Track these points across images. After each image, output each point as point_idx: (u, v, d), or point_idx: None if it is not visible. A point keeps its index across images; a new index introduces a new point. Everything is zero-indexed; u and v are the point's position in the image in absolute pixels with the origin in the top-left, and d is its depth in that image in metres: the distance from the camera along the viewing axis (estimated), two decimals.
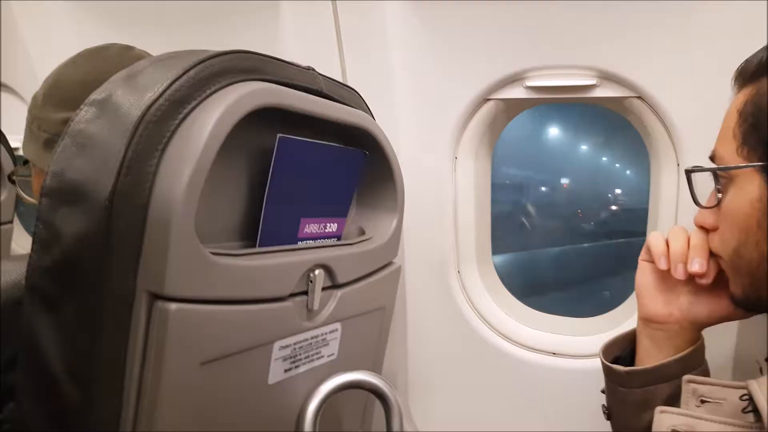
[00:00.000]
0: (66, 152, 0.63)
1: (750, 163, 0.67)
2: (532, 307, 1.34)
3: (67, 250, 0.63)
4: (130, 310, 0.62)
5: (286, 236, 0.82)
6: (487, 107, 1.17)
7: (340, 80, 1.10)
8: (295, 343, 0.81)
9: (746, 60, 0.70)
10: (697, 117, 1.01)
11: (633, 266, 0.88)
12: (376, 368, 1.06)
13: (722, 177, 0.71)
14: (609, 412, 0.91)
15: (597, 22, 1.03)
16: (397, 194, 1.03)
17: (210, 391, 0.70)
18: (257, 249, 0.75)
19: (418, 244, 1.26)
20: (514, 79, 1.13)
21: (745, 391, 0.66)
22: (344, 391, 0.86)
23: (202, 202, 0.64)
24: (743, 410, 0.67)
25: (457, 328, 1.27)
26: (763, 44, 0.69)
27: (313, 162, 0.82)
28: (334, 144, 0.88)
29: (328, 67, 1.16)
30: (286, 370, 0.81)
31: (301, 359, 0.84)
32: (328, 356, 0.89)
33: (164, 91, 0.63)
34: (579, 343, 1.21)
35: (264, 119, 0.74)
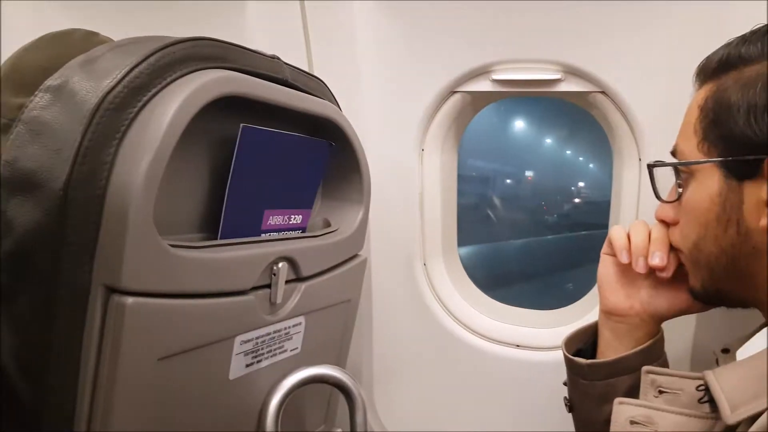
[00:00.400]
0: (19, 140, 0.61)
1: (710, 158, 0.67)
2: (497, 299, 1.35)
3: (19, 241, 0.60)
4: (86, 303, 0.60)
5: (249, 228, 0.81)
6: (454, 100, 1.17)
7: (307, 70, 1.09)
8: (257, 338, 0.80)
9: (707, 57, 0.71)
10: (659, 112, 1.02)
11: (596, 258, 0.89)
12: (340, 362, 1.05)
13: (683, 172, 0.72)
14: (571, 405, 0.91)
15: (562, 17, 1.04)
16: (363, 186, 1.02)
17: (168, 387, 0.69)
18: (218, 241, 0.73)
19: (384, 237, 1.26)
20: (480, 72, 1.12)
21: (701, 382, 0.67)
22: (308, 385, 0.85)
23: (162, 193, 0.62)
24: (700, 400, 0.69)
25: (422, 320, 1.27)
26: (724, 42, 0.70)
27: (278, 152, 0.81)
28: (300, 134, 0.86)
29: (294, 57, 1.14)
30: (247, 365, 0.80)
31: (263, 354, 0.82)
32: (292, 350, 0.88)
33: (123, 77, 0.60)
34: (542, 335, 1.22)
35: (228, 108, 0.72)
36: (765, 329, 0.68)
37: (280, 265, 0.80)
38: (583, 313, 1.20)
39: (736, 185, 0.65)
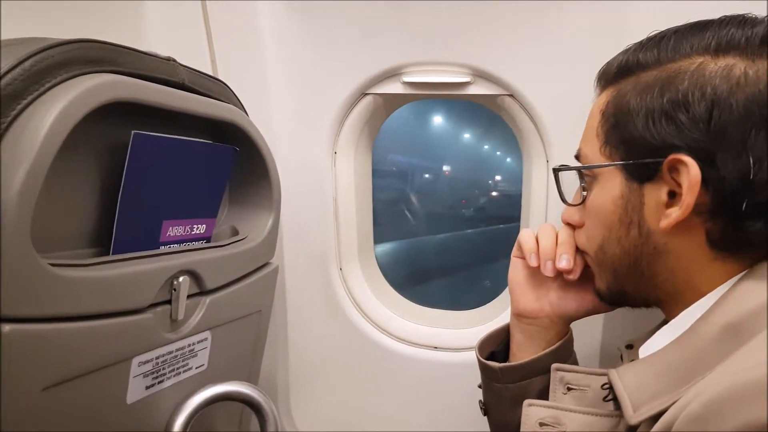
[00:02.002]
0: None
1: (612, 162, 0.68)
2: (417, 296, 1.35)
3: None
4: None
5: (146, 241, 0.76)
6: (366, 102, 1.15)
7: (210, 73, 1.04)
8: (157, 357, 0.75)
9: (607, 63, 0.72)
10: (564, 116, 1.04)
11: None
12: (252, 375, 1.01)
13: (587, 175, 0.73)
14: (486, 408, 0.92)
15: (472, 20, 1.04)
16: (272, 191, 0.98)
17: (56, 417, 0.63)
18: (110, 257, 0.68)
19: (297, 242, 1.22)
20: (391, 75, 1.11)
21: (606, 380, 0.68)
22: (219, 403, 0.81)
23: (42, 208, 0.57)
24: (604, 399, 0.70)
25: (339, 325, 1.25)
26: (624, 47, 0.71)
27: (175, 159, 0.76)
28: (200, 140, 0.82)
29: (196, 60, 1.09)
30: (147, 387, 0.75)
31: (165, 373, 0.78)
32: (197, 367, 0.84)
33: None
34: (459, 336, 1.22)
35: (123, 115, 0.67)
36: (665, 326, 0.70)
37: (181, 279, 0.76)
38: (499, 312, 1.21)
39: (637, 188, 0.66)
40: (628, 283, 0.71)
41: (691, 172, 0.59)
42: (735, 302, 0.59)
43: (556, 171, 0.79)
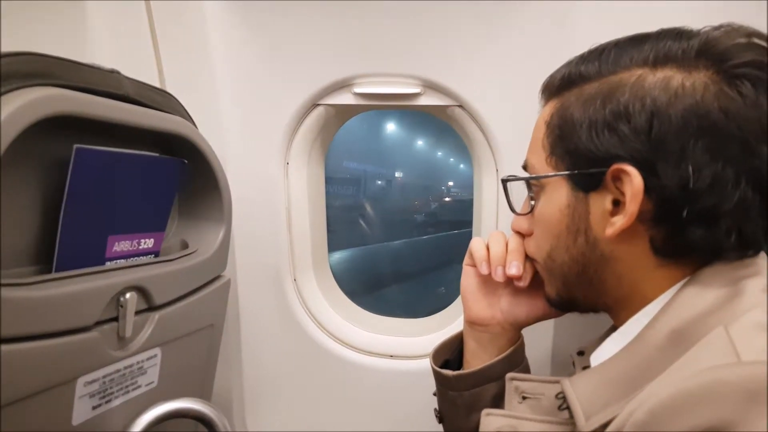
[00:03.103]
0: None
1: (558, 172, 0.69)
2: (371, 304, 1.34)
3: None
4: None
5: (91, 257, 0.74)
6: (317, 112, 1.15)
7: (158, 85, 1.02)
8: (104, 376, 0.73)
9: (551, 75, 0.73)
10: (513, 126, 1.06)
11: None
12: (205, 390, 0.99)
13: (534, 185, 0.74)
14: (441, 416, 0.92)
15: (421, 33, 1.05)
16: (223, 203, 0.97)
17: None
18: (53, 275, 0.66)
19: (250, 254, 1.21)
20: (342, 85, 1.11)
21: (560, 389, 0.69)
22: (169, 421, 0.79)
23: None
24: (559, 408, 0.71)
25: (294, 337, 1.24)
26: (567, 59, 0.73)
27: (120, 173, 0.75)
28: (146, 153, 0.81)
29: (143, 72, 1.07)
30: (94, 407, 0.73)
31: (113, 393, 0.76)
32: (147, 385, 0.82)
33: None
34: (414, 344, 1.23)
35: (66, 129, 0.65)
36: (614, 334, 0.71)
37: (128, 295, 0.74)
38: (453, 319, 1.22)
39: (582, 197, 0.67)
40: (577, 290, 0.73)
41: (633, 181, 0.60)
42: (678, 309, 0.61)
43: (504, 181, 0.80)
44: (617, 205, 0.64)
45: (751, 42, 0.59)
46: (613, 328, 0.73)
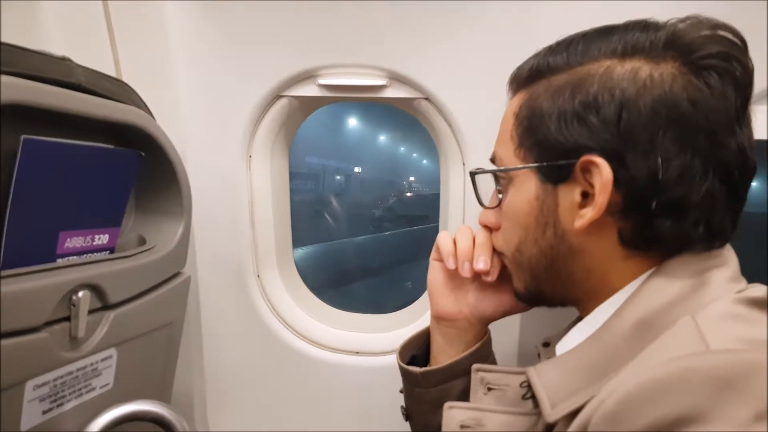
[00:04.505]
0: None
1: (526, 164, 0.69)
2: (337, 300, 1.33)
3: None
4: None
5: (41, 254, 0.70)
6: (281, 104, 1.12)
7: (114, 75, 0.98)
8: (55, 379, 0.70)
9: (519, 66, 0.72)
10: (480, 119, 1.05)
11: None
12: (164, 392, 0.96)
13: (502, 178, 0.73)
14: (408, 413, 0.91)
15: (387, 24, 1.03)
16: (182, 197, 0.94)
17: None
18: None
19: (211, 250, 1.18)
20: (306, 77, 1.09)
21: (525, 378, 0.68)
22: (125, 424, 0.76)
23: None
24: (523, 397, 0.70)
25: (258, 335, 1.21)
26: (535, 51, 0.72)
27: (72, 166, 0.71)
28: (100, 145, 0.77)
29: (99, 61, 1.02)
30: (45, 412, 0.69)
31: (65, 396, 0.72)
32: (102, 387, 0.78)
33: None
34: (381, 340, 1.22)
35: (14, 119, 0.62)
36: (580, 323, 0.71)
37: (81, 294, 0.70)
38: (420, 314, 1.21)
39: (551, 189, 0.66)
40: (546, 283, 0.72)
41: (602, 172, 0.60)
42: (645, 299, 0.61)
43: (472, 174, 0.79)
44: (586, 197, 0.63)
45: (716, 34, 0.60)
46: (579, 319, 0.73)
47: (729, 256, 0.63)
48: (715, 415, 0.44)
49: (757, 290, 0.59)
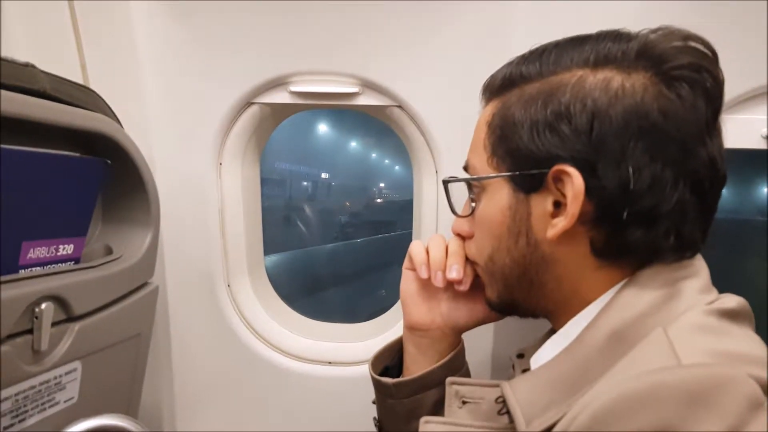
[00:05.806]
0: None
1: (499, 173, 0.69)
2: (308, 309, 1.31)
3: None
4: None
5: (2, 265, 0.68)
6: (252, 111, 1.11)
7: (81, 81, 0.96)
8: (17, 394, 0.68)
9: (492, 75, 0.72)
10: (453, 127, 1.05)
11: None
12: (132, 405, 0.94)
13: (475, 187, 0.73)
14: (380, 425, 0.90)
15: (359, 31, 1.03)
16: (150, 206, 0.92)
17: None
18: None
19: (180, 259, 1.16)
20: (278, 84, 1.08)
21: (500, 393, 0.68)
22: None
23: None
24: (499, 412, 0.70)
25: (228, 345, 1.19)
26: (507, 61, 0.72)
27: (36, 175, 0.69)
28: (65, 153, 0.75)
29: (65, 67, 1.00)
30: (6, 428, 0.67)
31: (27, 411, 0.70)
32: (66, 401, 0.76)
33: None
34: (353, 349, 1.21)
35: None
36: (554, 336, 0.71)
37: (44, 305, 0.68)
38: (393, 323, 1.20)
39: (524, 198, 0.66)
40: (518, 293, 0.72)
41: (574, 182, 0.60)
42: (618, 310, 0.61)
43: (445, 182, 0.79)
44: (558, 206, 0.63)
45: (687, 45, 0.60)
46: (553, 331, 0.73)
47: (700, 266, 0.64)
48: (685, 429, 0.45)
49: (728, 301, 0.60)
